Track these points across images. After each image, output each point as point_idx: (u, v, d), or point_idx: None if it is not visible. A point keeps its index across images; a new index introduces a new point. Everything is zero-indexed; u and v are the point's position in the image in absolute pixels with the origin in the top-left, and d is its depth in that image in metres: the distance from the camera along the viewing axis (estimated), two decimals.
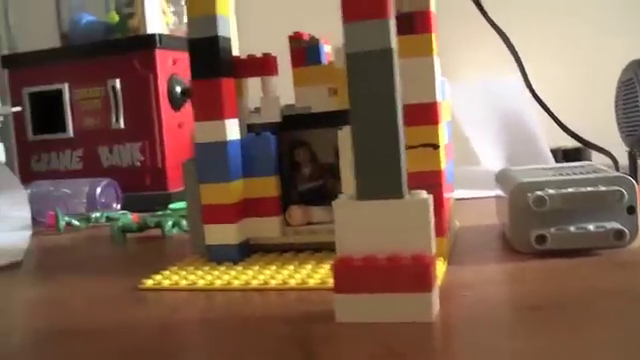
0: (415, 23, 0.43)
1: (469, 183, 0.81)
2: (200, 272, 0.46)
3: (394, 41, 0.33)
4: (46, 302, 0.44)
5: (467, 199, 0.76)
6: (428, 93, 0.44)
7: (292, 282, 0.41)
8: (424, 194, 0.33)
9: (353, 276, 0.33)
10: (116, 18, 1.00)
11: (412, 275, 0.32)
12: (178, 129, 0.95)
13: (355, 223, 0.33)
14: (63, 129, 0.99)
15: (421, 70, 0.43)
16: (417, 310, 0.32)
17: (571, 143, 0.87)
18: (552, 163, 0.85)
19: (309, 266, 0.45)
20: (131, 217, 0.78)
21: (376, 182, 0.33)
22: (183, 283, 0.44)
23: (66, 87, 0.98)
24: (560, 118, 0.59)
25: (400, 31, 0.43)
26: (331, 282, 0.39)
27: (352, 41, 0.33)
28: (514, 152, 0.90)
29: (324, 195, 0.51)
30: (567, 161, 0.88)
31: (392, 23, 0.33)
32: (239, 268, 0.46)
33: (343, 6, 0.33)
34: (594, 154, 0.86)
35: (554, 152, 0.90)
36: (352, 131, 0.33)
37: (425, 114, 0.44)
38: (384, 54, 0.33)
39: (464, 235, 0.55)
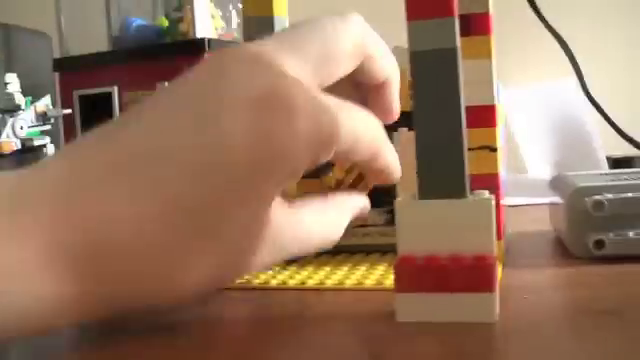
0: (473, 24, 0.43)
1: (517, 190, 0.81)
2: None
3: (458, 40, 0.33)
4: None
5: (515, 206, 0.75)
6: (486, 95, 0.43)
7: (348, 283, 0.41)
8: (487, 194, 0.33)
9: (414, 275, 0.33)
10: (166, 22, 1.01)
11: (475, 275, 0.32)
12: None
13: (417, 222, 0.33)
14: None
15: (479, 72, 0.43)
16: (480, 310, 0.32)
17: (621, 152, 0.86)
18: (606, 169, 0.84)
19: (363, 267, 0.45)
20: None
21: (439, 182, 0.33)
22: (237, 281, 0.44)
23: (115, 90, 0.99)
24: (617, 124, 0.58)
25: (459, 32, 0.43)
26: (387, 283, 0.39)
27: (417, 39, 0.33)
28: (565, 158, 0.89)
29: (377, 198, 0.51)
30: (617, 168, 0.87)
31: (457, 22, 0.33)
32: (293, 268, 0.46)
33: (408, 4, 0.33)
34: None
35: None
36: (415, 130, 0.33)
37: (483, 116, 0.44)
38: (449, 53, 0.32)
39: (516, 241, 0.54)
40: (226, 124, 0.30)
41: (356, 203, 0.40)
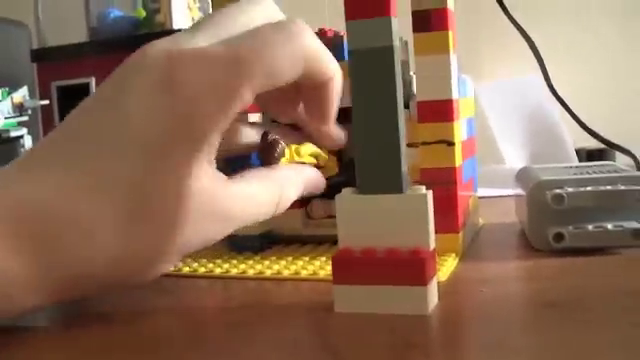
0: (431, 20, 0.43)
1: (493, 181, 0.81)
2: (219, 260, 0.47)
3: (396, 39, 0.33)
4: None
5: (491, 197, 0.76)
6: (444, 90, 0.44)
7: (304, 273, 0.42)
8: (423, 189, 0.34)
9: (352, 268, 0.34)
10: (143, 13, 1.01)
11: (408, 269, 0.33)
12: None
13: (356, 216, 0.34)
14: None
15: (437, 67, 0.44)
16: (412, 303, 0.33)
17: (595, 144, 0.87)
18: (576, 162, 0.84)
19: (323, 258, 0.45)
20: None
21: (377, 177, 0.34)
22: (202, 270, 0.45)
23: (93, 81, 0.99)
24: (582, 118, 0.58)
25: (416, 28, 0.44)
26: None
27: (354, 38, 0.34)
28: (539, 150, 0.89)
29: None
30: (591, 160, 0.88)
31: (394, 21, 0.33)
32: (257, 258, 0.47)
33: (346, 5, 0.34)
34: (618, 156, 0.85)
35: (578, 152, 0.90)
36: (354, 127, 0.34)
37: (440, 111, 0.44)
38: (385, 51, 0.33)
39: (485, 232, 0.55)
40: (130, 105, 0.34)
41: (306, 172, 0.42)
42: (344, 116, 0.45)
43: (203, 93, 0.33)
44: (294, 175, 0.41)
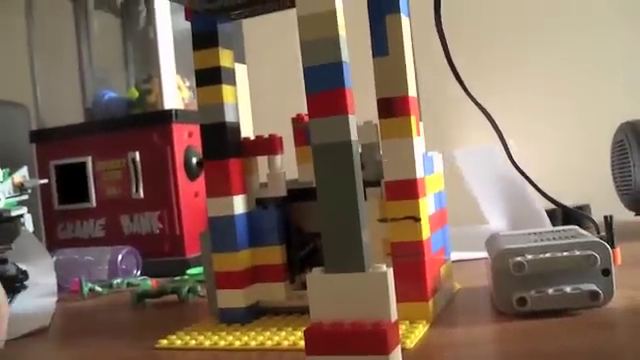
0: (395, 107, 0.48)
1: (476, 243, 0.84)
2: (209, 333, 0.51)
3: (354, 134, 0.37)
4: None
5: (471, 260, 0.78)
6: (408, 170, 0.48)
7: (285, 344, 0.46)
8: (383, 268, 0.37)
9: (322, 340, 0.37)
10: (136, 94, 1.06)
11: (371, 340, 0.36)
12: (194, 198, 1.00)
13: (325, 293, 0.38)
14: (87, 199, 1.05)
15: (401, 150, 0.48)
16: None
17: (570, 203, 0.90)
18: (547, 225, 0.87)
19: (304, 328, 0.48)
20: (150, 283, 0.82)
21: (341, 258, 0.38)
22: (192, 343, 0.49)
23: (89, 160, 1.04)
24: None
25: (381, 114, 0.48)
26: None
27: (317, 134, 0.38)
28: (515, 213, 0.93)
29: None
30: (567, 220, 0.91)
31: (352, 118, 0.37)
32: (244, 329, 0.51)
33: (309, 104, 0.38)
34: (593, 212, 0.89)
35: (554, 212, 0.93)
36: (320, 213, 0.38)
37: (406, 190, 0.48)
38: (344, 146, 0.37)
39: (460, 297, 0.58)
40: None
41: None
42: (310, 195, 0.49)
43: None
44: None
